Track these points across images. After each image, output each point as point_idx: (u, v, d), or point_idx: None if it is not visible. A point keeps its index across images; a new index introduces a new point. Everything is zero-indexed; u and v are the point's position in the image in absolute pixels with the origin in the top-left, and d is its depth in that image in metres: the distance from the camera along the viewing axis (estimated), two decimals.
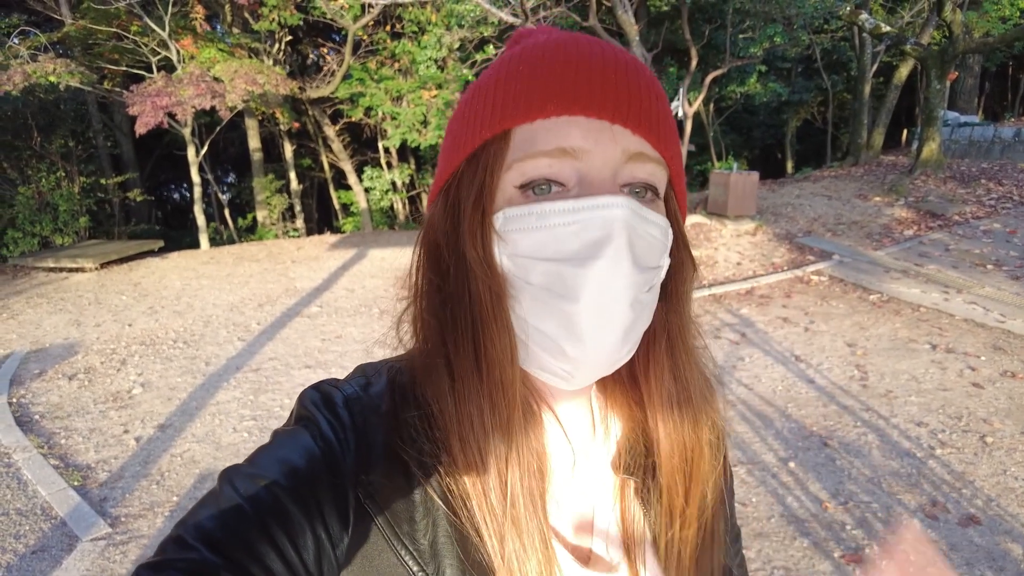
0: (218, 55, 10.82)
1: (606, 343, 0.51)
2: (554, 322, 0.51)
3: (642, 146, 0.51)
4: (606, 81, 0.51)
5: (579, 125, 0.50)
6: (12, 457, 4.03)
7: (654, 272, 0.53)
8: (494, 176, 0.52)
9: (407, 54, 12.23)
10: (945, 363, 4.72)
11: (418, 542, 0.54)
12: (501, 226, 0.52)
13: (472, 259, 0.53)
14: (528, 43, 0.55)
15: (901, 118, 17.93)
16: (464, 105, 0.57)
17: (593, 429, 0.64)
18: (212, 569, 0.46)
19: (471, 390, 0.54)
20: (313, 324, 6.56)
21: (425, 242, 0.58)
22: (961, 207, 8.77)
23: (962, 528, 2.96)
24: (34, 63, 9.25)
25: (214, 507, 0.50)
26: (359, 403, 0.59)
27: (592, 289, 0.49)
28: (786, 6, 9.32)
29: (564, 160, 0.50)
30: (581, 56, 0.51)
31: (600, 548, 0.61)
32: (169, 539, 0.48)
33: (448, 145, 0.57)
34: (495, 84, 0.53)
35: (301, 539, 0.50)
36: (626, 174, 0.52)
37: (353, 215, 15.54)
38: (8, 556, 3.09)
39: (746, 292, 6.75)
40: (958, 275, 6.55)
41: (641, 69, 0.54)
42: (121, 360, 5.72)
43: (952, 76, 12.38)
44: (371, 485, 0.55)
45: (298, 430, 0.57)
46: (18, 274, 9.53)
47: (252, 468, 0.53)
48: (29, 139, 11.40)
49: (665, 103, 0.55)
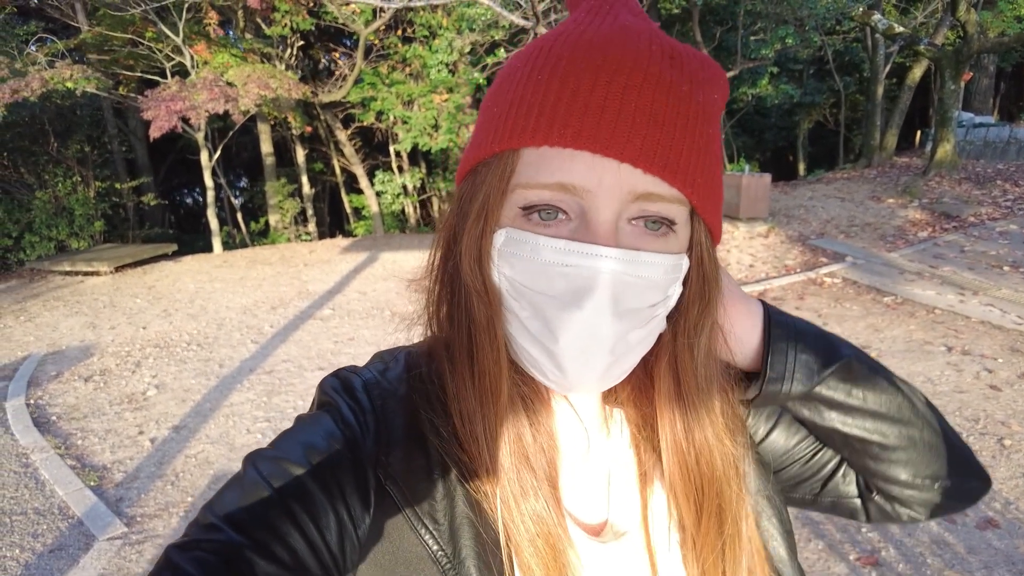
0: (231, 60, 10.92)
1: (587, 379, 0.53)
2: (538, 350, 0.53)
3: (655, 185, 0.49)
4: (622, 110, 0.47)
5: (583, 161, 0.48)
6: (30, 457, 4.08)
7: (651, 311, 0.53)
8: (498, 193, 0.52)
9: (418, 58, 12.28)
10: (961, 365, 4.67)
11: (438, 522, 0.55)
12: (501, 245, 0.53)
13: (466, 274, 0.55)
14: (568, 31, 0.52)
15: (914, 119, 17.78)
16: (496, 86, 0.55)
17: (607, 414, 0.64)
18: (237, 549, 0.47)
19: (468, 390, 0.57)
20: (326, 326, 6.59)
21: (443, 232, 0.59)
22: (977, 208, 8.68)
23: (980, 531, 2.93)
24: (51, 69, 9.37)
25: (238, 490, 0.51)
26: (378, 387, 0.60)
27: (571, 335, 0.50)
28: (798, 7, 9.28)
29: (565, 194, 0.49)
30: (606, 71, 0.48)
31: (614, 520, 0.62)
32: (196, 521, 0.50)
33: (478, 125, 0.56)
34: (521, 79, 0.52)
35: (323, 520, 0.51)
36: (634, 209, 0.50)
37: (365, 219, 15.60)
38: (27, 555, 3.12)
39: (759, 294, 6.72)
40: (974, 277, 6.48)
41: (677, 84, 0.49)
42: (136, 362, 5.78)
43: (967, 76, 12.27)
44: (391, 467, 0.56)
45: (320, 415, 0.58)
46: (35, 277, 9.65)
47: (275, 451, 0.54)
48: (46, 144, 11.54)
49: (704, 123, 0.51)
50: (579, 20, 0.53)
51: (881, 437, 0.64)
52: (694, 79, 0.50)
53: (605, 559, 0.59)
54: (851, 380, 0.63)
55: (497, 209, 0.52)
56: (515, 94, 0.51)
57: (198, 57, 11.01)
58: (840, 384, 0.63)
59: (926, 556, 2.79)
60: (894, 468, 0.66)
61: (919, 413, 0.66)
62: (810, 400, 0.64)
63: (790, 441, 0.71)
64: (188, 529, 0.49)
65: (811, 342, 0.64)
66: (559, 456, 0.60)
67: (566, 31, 0.52)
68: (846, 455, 0.69)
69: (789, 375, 0.62)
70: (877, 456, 0.65)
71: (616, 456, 0.63)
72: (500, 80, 0.55)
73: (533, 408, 0.58)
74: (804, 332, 0.65)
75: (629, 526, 0.61)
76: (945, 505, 0.70)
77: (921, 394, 0.68)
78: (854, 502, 0.73)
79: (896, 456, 0.65)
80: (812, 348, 0.63)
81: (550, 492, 0.57)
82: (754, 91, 13.88)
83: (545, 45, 0.52)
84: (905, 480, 0.66)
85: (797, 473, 0.72)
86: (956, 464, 0.68)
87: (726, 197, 8.82)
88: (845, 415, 0.64)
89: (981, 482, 0.71)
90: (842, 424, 0.64)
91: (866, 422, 0.64)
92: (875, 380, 0.65)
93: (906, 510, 0.70)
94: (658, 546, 0.61)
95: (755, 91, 13.87)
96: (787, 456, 0.71)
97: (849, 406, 0.63)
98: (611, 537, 0.60)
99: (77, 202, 11.39)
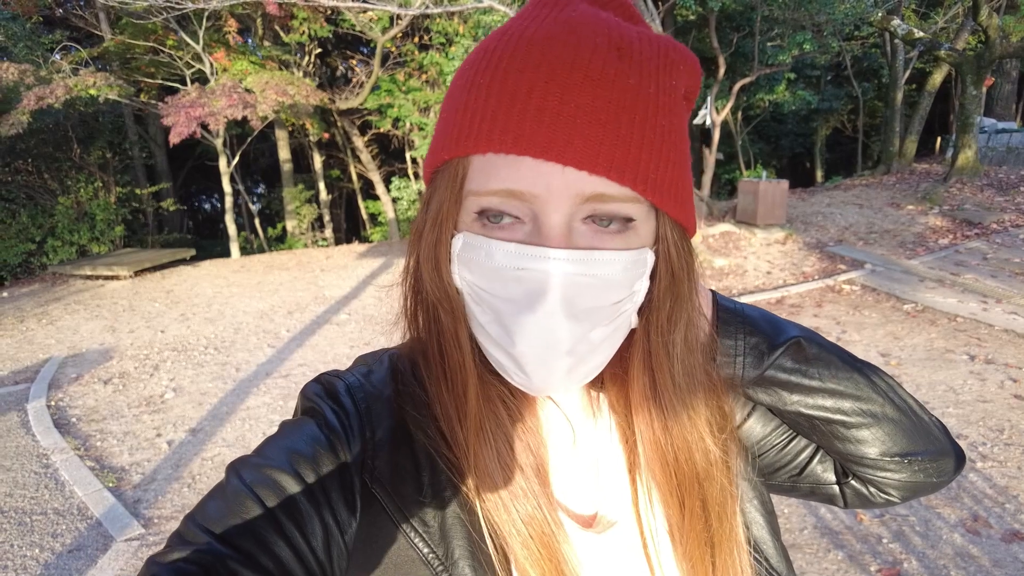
0: (250, 67, 11.05)
1: (551, 381, 0.53)
2: (500, 354, 0.53)
3: (604, 186, 0.47)
4: (561, 112, 0.45)
5: (528, 166, 0.47)
6: (50, 458, 4.13)
7: (615, 307, 0.52)
8: (452, 200, 0.52)
9: (435, 65, 12.35)
10: (985, 374, 4.59)
11: (427, 524, 0.55)
12: (460, 250, 0.52)
13: (426, 280, 0.55)
14: (512, 28, 0.51)
15: (934, 125, 17.58)
16: (450, 89, 0.54)
17: (593, 405, 0.64)
18: (220, 559, 0.46)
19: (443, 393, 0.57)
20: (342, 331, 6.62)
21: (413, 237, 0.58)
22: (999, 215, 8.55)
23: (1006, 544, 2.86)
24: (75, 77, 9.55)
25: (221, 499, 0.50)
26: (362, 391, 0.60)
27: (528, 338, 0.50)
28: (815, 13, 9.21)
29: (515, 200, 0.48)
30: (544, 71, 0.46)
31: (604, 510, 0.61)
32: (178, 531, 0.49)
33: (436, 130, 0.55)
34: (467, 83, 0.51)
35: (309, 526, 0.50)
36: (586, 209, 0.49)
37: (381, 225, 15.69)
38: (46, 554, 3.16)
39: (776, 301, 6.65)
40: (997, 284, 6.37)
41: (622, 77, 0.47)
42: (154, 365, 5.84)
43: (988, 82, 12.11)
44: (377, 470, 0.56)
45: (304, 420, 0.58)
46: (57, 281, 9.80)
47: (259, 459, 0.53)
48: (69, 151, 11.74)
49: (657, 114, 0.49)
50: (526, 15, 0.51)
51: (842, 415, 0.63)
52: (645, 70, 0.48)
53: (599, 550, 0.59)
54: (803, 360, 0.63)
55: (452, 215, 0.52)
56: (461, 99, 0.50)
57: (217, 64, 11.16)
58: (793, 365, 0.63)
59: (950, 569, 2.73)
60: (861, 447, 0.65)
61: (878, 389, 0.65)
62: (766, 385, 0.64)
63: (766, 428, 0.70)
64: (170, 540, 0.48)
65: (760, 325, 0.64)
66: (546, 451, 0.60)
67: (510, 29, 0.51)
68: (816, 439, 0.68)
69: (741, 359, 0.62)
70: (843, 436, 0.64)
71: (603, 445, 0.63)
72: (453, 82, 0.54)
73: (513, 406, 0.58)
74: (751, 317, 0.65)
75: (620, 515, 0.61)
76: (920, 483, 0.68)
77: (883, 372, 0.67)
78: (832, 488, 0.72)
79: (861, 434, 0.64)
80: (761, 331, 0.64)
81: (540, 489, 0.56)
82: (771, 97, 13.80)
83: (490, 45, 0.51)
84: (874, 459, 0.65)
85: (774, 460, 0.71)
86: (926, 439, 0.66)
87: (743, 204, 8.76)
88: (803, 395, 0.63)
89: (955, 458, 0.69)
90: (803, 406, 0.63)
91: (825, 400, 0.63)
92: (828, 358, 0.64)
93: (881, 493, 0.69)
94: (650, 535, 0.60)
95: (772, 97, 13.80)
96: (764, 442, 0.70)
97: (805, 387, 0.63)
98: (603, 527, 0.60)
99: (98, 207, 11.57)
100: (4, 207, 10.94)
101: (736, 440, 0.65)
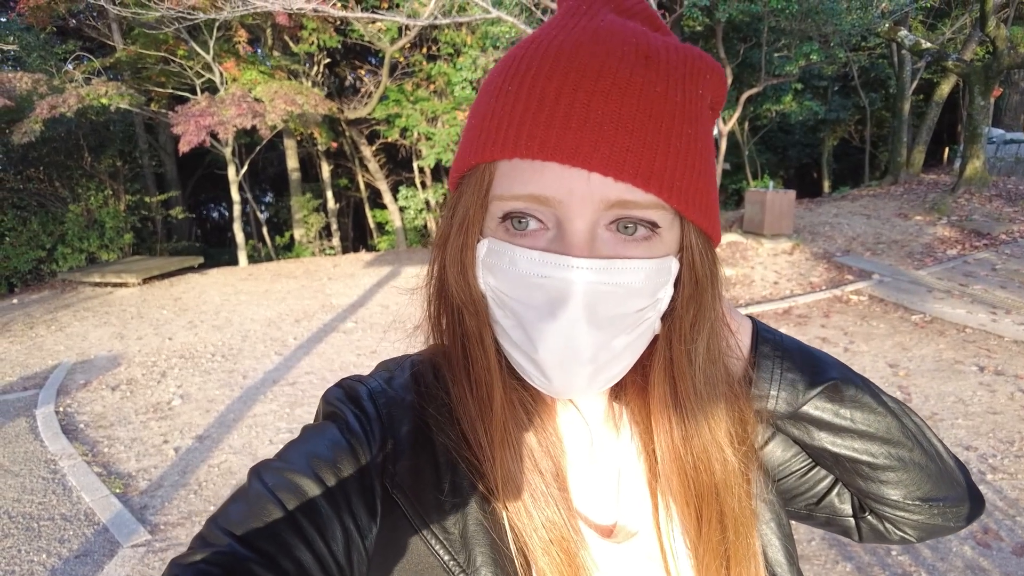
0: (259, 77, 11.15)
1: (573, 386, 0.53)
2: (523, 358, 0.53)
3: (629, 192, 0.47)
4: (588, 118, 0.46)
5: (553, 171, 0.47)
6: (58, 464, 4.14)
7: (638, 315, 0.52)
8: (477, 205, 0.52)
9: (442, 75, 12.43)
10: (994, 385, 4.55)
11: (448, 531, 0.54)
12: (484, 256, 0.53)
13: (451, 284, 0.55)
14: (541, 36, 0.52)
15: (942, 136, 17.52)
16: (478, 96, 0.55)
17: (615, 417, 0.64)
18: (241, 562, 0.46)
19: (467, 398, 0.57)
20: (349, 339, 6.64)
21: (438, 242, 0.59)
22: (1008, 226, 8.50)
23: (1017, 557, 2.83)
24: (87, 86, 9.65)
25: (243, 502, 0.51)
26: (384, 396, 0.60)
27: (549, 345, 0.50)
28: (823, 23, 9.22)
29: (539, 205, 0.49)
30: (572, 78, 0.47)
31: (624, 520, 0.61)
32: (200, 534, 0.49)
33: (462, 136, 0.56)
34: (495, 89, 0.52)
35: (329, 531, 0.50)
36: (610, 215, 0.49)
37: (388, 233, 15.74)
38: (53, 560, 3.16)
39: (783, 312, 6.63)
40: (1007, 295, 6.33)
41: (649, 85, 0.48)
42: (162, 372, 5.86)
43: (996, 92, 12.09)
44: (398, 476, 0.56)
45: (325, 424, 0.58)
46: (66, 288, 9.87)
47: (280, 463, 0.54)
48: (80, 159, 11.85)
49: (684, 122, 0.49)
50: (554, 24, 0.52)
51: (870, 457, 0.64)
52: (671, 78, 0.49)
53: (619, 560, 0.59)
54: (839, 401, 0.63)
55: (478, 220, 0.53)
56: (489, 105, 0.51)
57: (227, 74, 11.26)
58: (827, 405, 0.63)
59: None
60: (885, 488, 0.65)
61: (909, 434, 0.65)
62: (797, 420, 0.64)
63: (787, 453, 0.70)
64: (193, 542, 0.49)
65: (797, 360, 0.64)
66: (565, 458, 0.60)
67: (539, 37, 0.52)
68: (837, 474, 0.69)
69: (774, 393, 0.62)
70: (867, 476, 0.65)
71: (625, 455, 0.63)
72: (481, 90, 0.55)
73: (535, 412, 0.58)
74: (790, 350, 0.65)
75: (640, 526, 0.61)
76: (938, 527, 0.69)
77: (913, 413, 0.67)
78: (848, 521, 0.72)
79: (886, 476, 0.64)
80: (798, 367, 0.64)
81: (560, 496, 0.56)
82: (778, 107, 13.80)
83: (519, 53, 0.52)
84: (896, 500, 0.66)
85: (793, 486, 0.71)
86: (949, 486, 0.67)
87: (750, 213, 8.75)
88: (834, 435, 0.63)
89: (975, 504, 0.69)
90: (831, 444, 0.64)
91: (855, 442, 0.63)
92: (863, 400, 0.64)
93: (898, 531, 0.70)
94: (669, 547, 0.60)
95: (779, 108, 13.79)
96: (784, 467, 0.70)
97: (837, 426, 0.63)
98: (623, 538, 0.60)
99: (108, 215, 11.66)
100: (16, 214, 11.04)
101: (756, 455, 0.65)
